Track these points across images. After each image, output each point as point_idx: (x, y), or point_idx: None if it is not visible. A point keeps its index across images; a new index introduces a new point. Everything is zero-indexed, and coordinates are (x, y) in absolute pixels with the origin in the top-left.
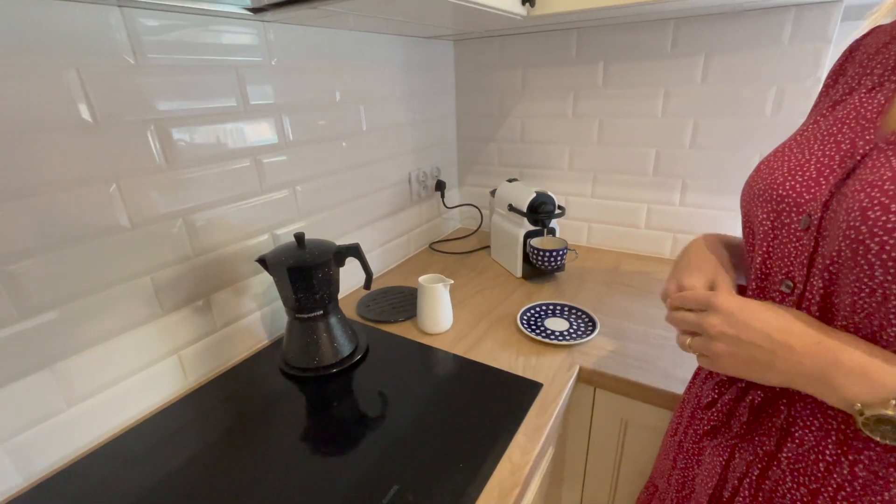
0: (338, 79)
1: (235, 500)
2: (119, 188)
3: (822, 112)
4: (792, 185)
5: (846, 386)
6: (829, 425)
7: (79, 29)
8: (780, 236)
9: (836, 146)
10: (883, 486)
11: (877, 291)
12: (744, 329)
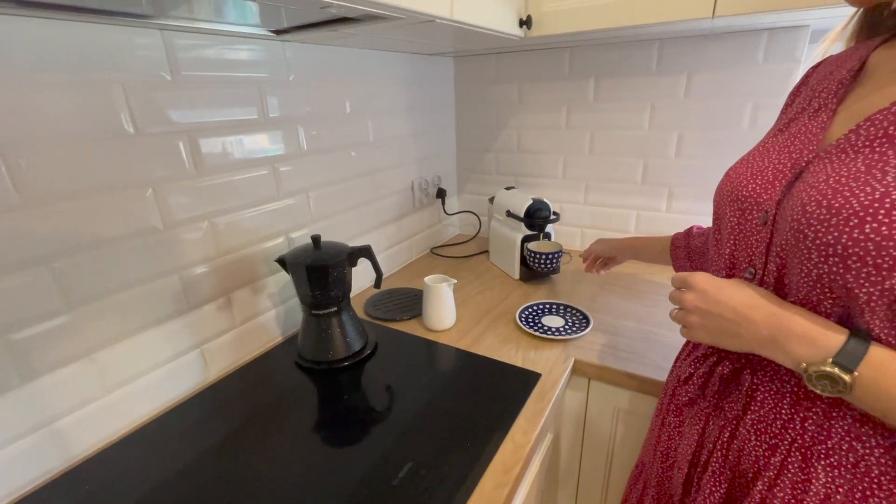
0: (348, 93)
1: (260, 480)
2: (154, 193)
3: (780, 127)
4: (753, 187)
5: (794, 349)
6: (784, 389)
7: (126, 49)
8: (744, 230)
9: (788, 155)
10: (826, 437)
11: (813, 272)
12: (714, 304)
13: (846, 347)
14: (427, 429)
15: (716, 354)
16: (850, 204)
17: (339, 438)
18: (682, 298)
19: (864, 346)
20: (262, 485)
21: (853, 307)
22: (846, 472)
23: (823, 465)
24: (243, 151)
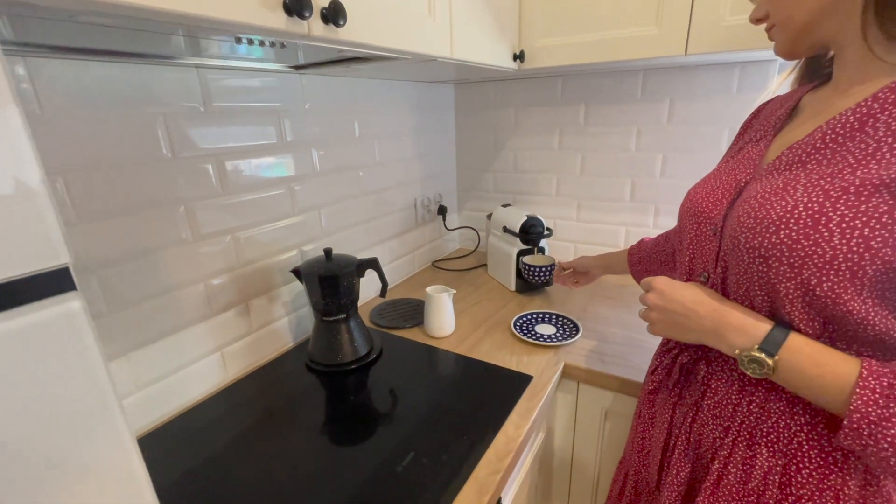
0: (357, 118)
1: (277, 470)
2: (186, 209)
3: (732, 153)
4: (706, 204)
5: (731, 338)
6: (732, 377)
7: (168, 85)
8: (700, 241)
9: (734, 177)
10: (766, 417)
11: (746, 272)
12: (669, 301)
13: (770, 336)
14: (428, 424)
15: (677, 347)
16: (769, 214)
17: (348, 433)
18: (645, 298)
19: (785, 334)
20: (280, 474)
21: (777, 301)
22: (783, 447)
23: (765, 442)
24: (263, 172)
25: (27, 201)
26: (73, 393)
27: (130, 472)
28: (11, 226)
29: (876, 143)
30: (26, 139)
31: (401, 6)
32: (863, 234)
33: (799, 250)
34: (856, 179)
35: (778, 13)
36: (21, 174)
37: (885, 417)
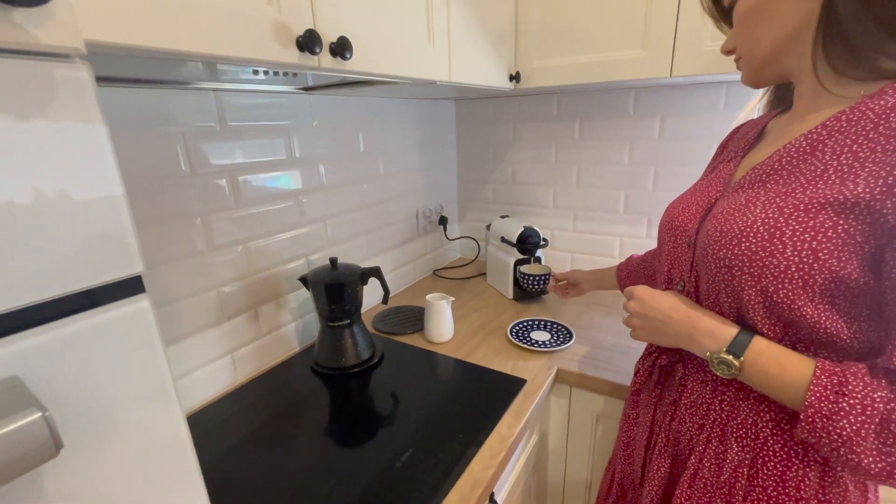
0: (362, 133)
1: (284, 466)
2: (202, 221)
3: (708, 172)
4: (682, 219)
5: (703, 341)
6: (706, 378)
7: (187, 108)
8: (677, 253)
9: (706, 194)
10: (736, 414)
11: (714, 280)
12: (648, 308)
13: (736, 339)
14: (426, 424)
15: (657, 351)
16: (732, 228)
17: (350, 432)
18: (627, 306)
19: (749, 337)
20: (287, 470)
21: (742, 307)
22: (750, 441)
23: (735, 437)
24: (273, 186)
25: (119, 227)
26: (142, 369)
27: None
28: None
29: (823, 165)
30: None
31: (402, 37)
32: (811, 246)
33: (758, 261)
34: (805, 198)
35: (742, 47)
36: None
37: (834, 411)
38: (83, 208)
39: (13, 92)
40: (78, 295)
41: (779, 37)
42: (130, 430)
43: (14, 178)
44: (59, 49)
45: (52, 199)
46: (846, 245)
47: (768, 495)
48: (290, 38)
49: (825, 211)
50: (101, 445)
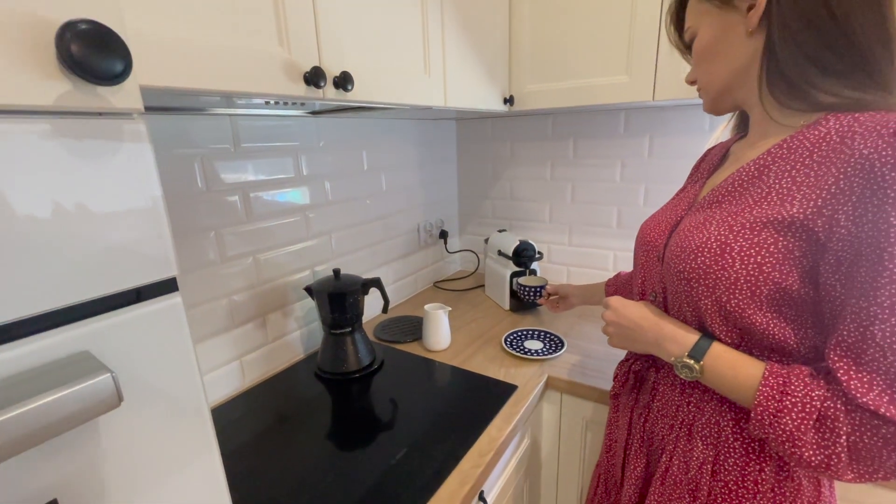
0: (366, 152)
1: (289, 465)
2: (216, 235)
3: (679, 192)
4: (654, 235)
5: (668, 347)
6: (675, 381)
7: (205, 131)
8: (649, 266)
9: (674, 212)
10: (701, 415)
11: (676, 291)
12: (621, 317)
13: (697, 344)
14: (421, 425)
15: (632, 357)
16: (691, 244)
17: (350, 432)
18: (603, 315)
19: (709, 343)
20: (290, 467)
21: (701, 315)
22: (713, 440)
23: (700, 436)
24: (282, 202)
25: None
26: (174, 349)
27: (199, 405)
28: (151, 253)
29: (768, 188)
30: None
31: (400, 68)
32: (757, 260)
33: (711, 274)
34: (752, 217)
35: (701, 80)
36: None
37: (779, 409)
38: (137, 225)
39: (96, 141)
40: (130, 291)
41: (730, 72)
42: (164, 396)
43: (91, 202)
44: (126, 110)
45: (114, 217)
46: (787, 259)
47: (730, 490)
48: (298, 74)
49: (768, 229)
50: (142, 406)
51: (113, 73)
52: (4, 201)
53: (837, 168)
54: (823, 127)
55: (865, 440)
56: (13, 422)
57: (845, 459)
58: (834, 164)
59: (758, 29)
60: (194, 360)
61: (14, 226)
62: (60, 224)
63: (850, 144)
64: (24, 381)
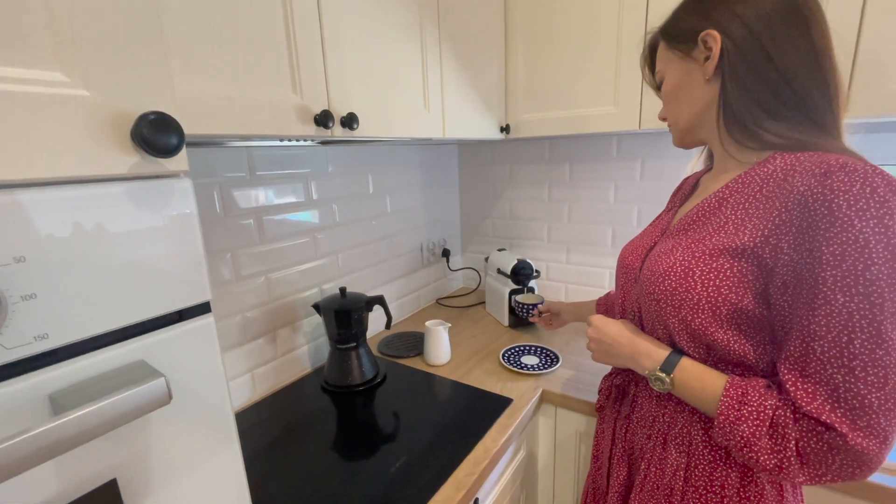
0: (371, 176)
1: (296, 471)
2: (231, 256)
3: (656, 218)
4: (631, 259)
5: (642, 361)
6: (652, 394)
7: (223, 161)
8: (627, 287)
9: (650, 238)
10: (674, 425)
11: (648, 310)
12: (602, 334)
13: (668, 359)
14: (420, 435)
15: (614, 372)
16: (659, 268)
17: (354, 443)
18: (587, 331)
19: (678, 357)
20: (297, 474)
21: (671, 333)
22: (685, 448)
23: (674, 444)
24: (292, 225)
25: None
26: (206, 360)
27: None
28: (191, 282)
29: (725, 219)
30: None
31: (401, 106)
32: (716, 283)
33: (677, 295)
34: (711, 245)
35: (669, 118)
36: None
37: (738, 418)
38: (182, 261)
39: (154, 197)
40: (174, 313)
41: (692, 113)
42: (198, 397)
43: (149, 244)
44: (177, 172)
45: (166, 255)
46: (742, 282)
47: (700, 494)
48: (309, 116)
49: (724, 256)
50: (182, 404)
51: (171, 148)
52: (92, 245)
53: (781, 202)
54: (771, 165)
55: (812, 445)
56: (94, 414)
57: (796, 463)
58: (778, 199)
59: (714, 76)
60: (222, 368)
61: (97, 262)
62: (129, 261)
63: (791, 181)
64: (100, 382)
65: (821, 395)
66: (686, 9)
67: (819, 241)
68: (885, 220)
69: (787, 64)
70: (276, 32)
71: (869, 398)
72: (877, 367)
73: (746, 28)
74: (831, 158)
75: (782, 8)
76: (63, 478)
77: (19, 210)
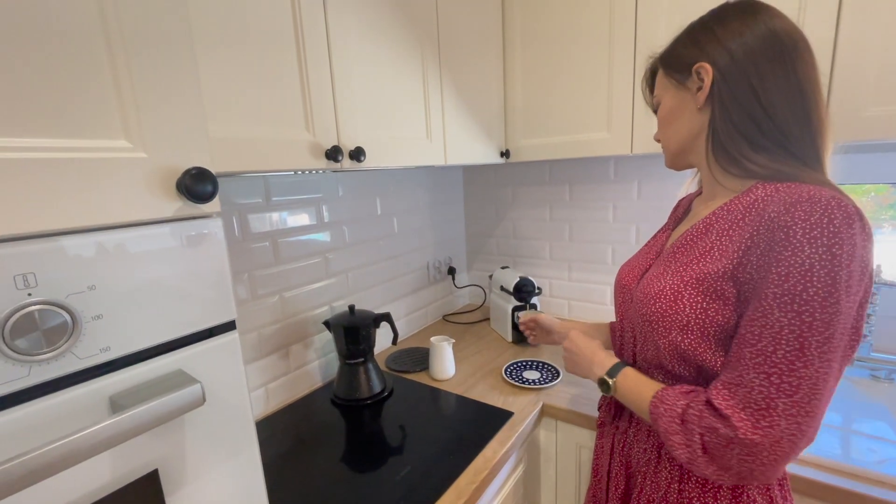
0: (380, 199)
1: (308, 481)
2: (249, 276)
3: (652, 238)
4: (627, 279)
5: (595, 370)
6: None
7: (242, 189)
8: (625, 306)
9: (645, 259)
10: (652, 435)
11: (641, 331)
12: (572, 345)
13: (613, 367)
14: (424, 446)
15: None
16: (651, 291)
17: (362, 453)
18: (563, 345)
19: (622, 366)
20: (308, 483)
21: (660, 354)
22: (678, 462)
23: (668, 459)
24: (305, 246)
25: (227, 296)
26: (231, 370)
27: (245, 409)
28: (220, 304)
29: (711, 244)
30: (229, 270)
31: (404, 138)
32: (703, 306)
33: (667, 317)
34: (699, 269)
35: (662, 140)
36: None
37: (658, 415)
38: (212, 286)
39: (192, 235)
40: (206, 330)
41: (683, 138)
42: (224, 401)
43: (188, 272)
44: (210, 213)
45: (200, 282)
46: (727, 304)
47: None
48: (320, 152)
49: (710, 279)
50: (211, 408)
51: (207, 195)
52: (143, 275)
53: (754, 228)
54: (753, 195)
55: (713, 438)
56: (144, 412)
57: (703, 456)
58: (752, 225)
59: (705, 106)
60: (244, 377)
61: (147, 289)
62: (171, 287)
63: (765, 209)
64: (148, 387)
65: (737, 395)
66: (683, 40)
67: (772, 261)
68: (833, 249)
69: (771, 100)
70: (293, 81)
71: (776, 402)
72: (791, 377)
73: (735, 64)
74: (804, 190)
75: (769, 48)
76: (116, 466)
77: (93, 248)
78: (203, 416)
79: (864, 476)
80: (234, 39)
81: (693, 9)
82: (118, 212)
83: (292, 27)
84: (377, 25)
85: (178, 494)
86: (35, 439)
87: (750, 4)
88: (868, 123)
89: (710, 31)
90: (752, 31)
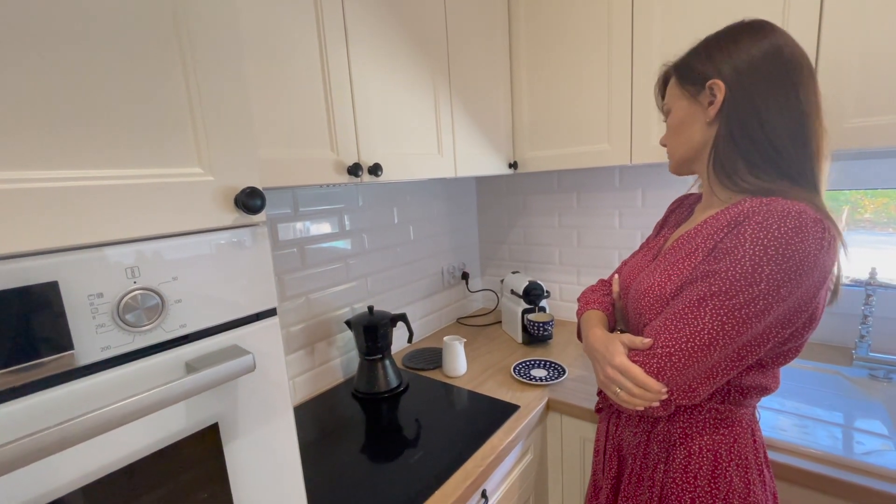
0: (397, 208)
1: (332, 467)
2: (278, 279)
3: (651, 237)
4: (627, 277)
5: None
6: None
7: (273, 201)
8: (627, 300)
9: (644, 258)
10: (657, 422)
11: (636, 324)
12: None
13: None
14: (435, 435)
15: None
16: (642, 287)
17: (380, 441)
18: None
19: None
20: (331, 468)
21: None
22: (665, 444)
23: (656, 441)
24: (329, 252)
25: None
26: (273, 348)
27: (284, 387)
28: (265, 294)
29: (695, 247)
30: (272, 269)
31: (417, 153)
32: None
33: (654, 310)
34: (682, 268)
35: (668, 147)
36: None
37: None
38: (259, 280)
39: (245, 239)
40: (254, 315)
41: (689, 148)
42: (267, 371)
43: (243, 269)
44: (259, 222)
45: (252, 277)
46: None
47: (676, 485)
48: (342, 168)
49: (685, 278)
50: (258, 376)
51: (257, 208)
52: (211, 269)
53: (724, 232)
54: (741, 206)
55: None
56: (211, 373)
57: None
58: (725, 230)
59: (714, 121)
60: (282, 353)
61: (213, 280)
62: (229, 278)
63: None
64: (213, 356)
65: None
66: (699, 53)
67: (718, 252)
68: (769, 250)
69: (773, 121)
70: (319, 110)
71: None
72: (679, 322)
73: (742, 85)
74: (778, 203)
75: (775, 69)
76: (190, 415)
77: (176, 248)
78: (252, 381)
79: (856, 467)
80: (273, 79)
81: (683, 44)
82: (194, 221)
83: (319, 64)
84: (392, 55)
85: (233, 445)
86: (138, 388)
87: (762, 25)
88: (850, 134)
89: (724, 48)
90: (761, 52)
